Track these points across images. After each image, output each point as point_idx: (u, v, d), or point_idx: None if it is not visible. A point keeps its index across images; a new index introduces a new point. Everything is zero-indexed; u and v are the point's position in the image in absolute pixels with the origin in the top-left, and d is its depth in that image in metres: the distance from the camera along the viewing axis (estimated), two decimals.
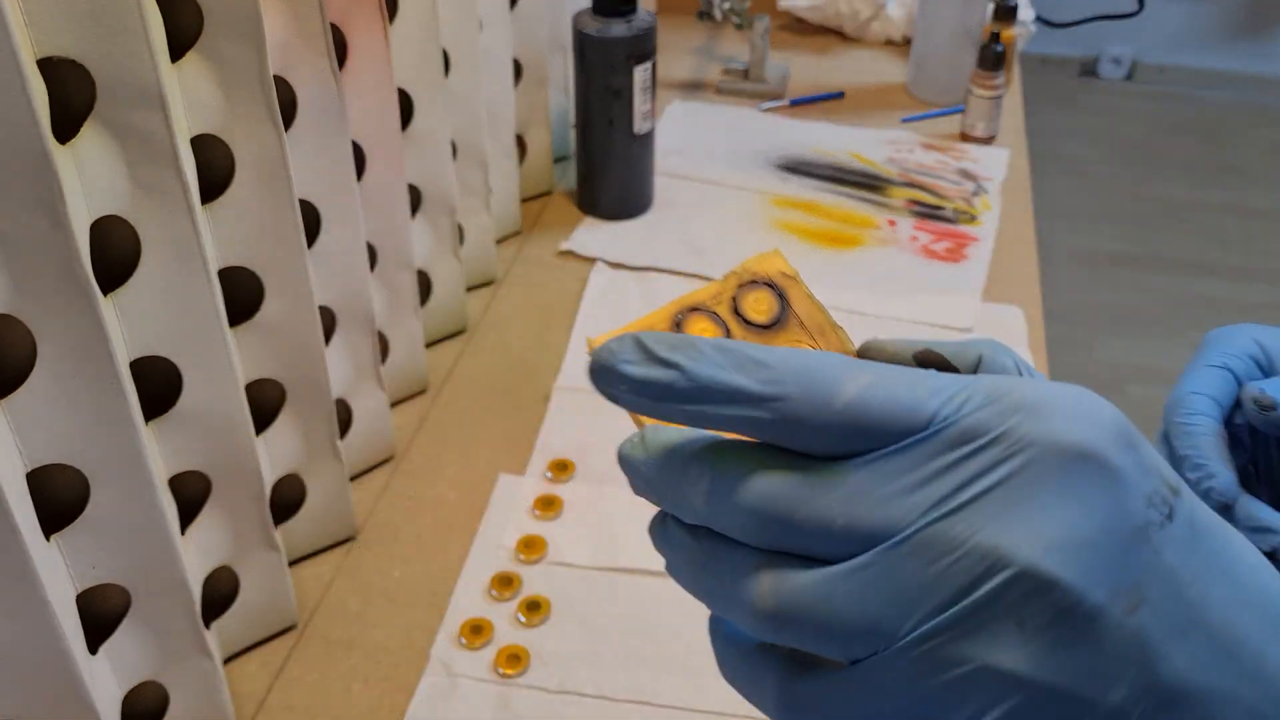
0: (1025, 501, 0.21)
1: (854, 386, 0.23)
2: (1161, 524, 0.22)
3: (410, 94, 0.62)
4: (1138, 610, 0.22)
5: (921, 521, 0.22)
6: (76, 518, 0.40)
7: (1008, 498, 0.22)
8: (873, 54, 1.10)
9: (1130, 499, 0.22)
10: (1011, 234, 0.82)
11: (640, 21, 0.76)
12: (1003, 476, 0.22)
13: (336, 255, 0.54)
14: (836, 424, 0.23)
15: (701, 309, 0.33)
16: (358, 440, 0.60)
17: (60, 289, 0.36)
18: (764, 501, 0.23)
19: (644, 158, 0.81)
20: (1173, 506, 0.23)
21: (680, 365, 0.23)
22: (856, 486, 0.22)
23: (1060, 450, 0.22)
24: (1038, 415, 0.22)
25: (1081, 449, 0.22)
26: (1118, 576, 0.22)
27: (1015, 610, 0.21)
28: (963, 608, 0.21)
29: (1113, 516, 0.22)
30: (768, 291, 0.34)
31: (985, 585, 0.21)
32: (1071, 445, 0.22)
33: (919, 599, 0.22)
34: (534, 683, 0.50)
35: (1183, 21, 2.59)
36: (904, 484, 0.22)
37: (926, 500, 0.22)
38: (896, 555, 0.22)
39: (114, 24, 0.36)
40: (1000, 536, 0.21)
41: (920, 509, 0.22)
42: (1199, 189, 2.29)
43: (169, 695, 0.46)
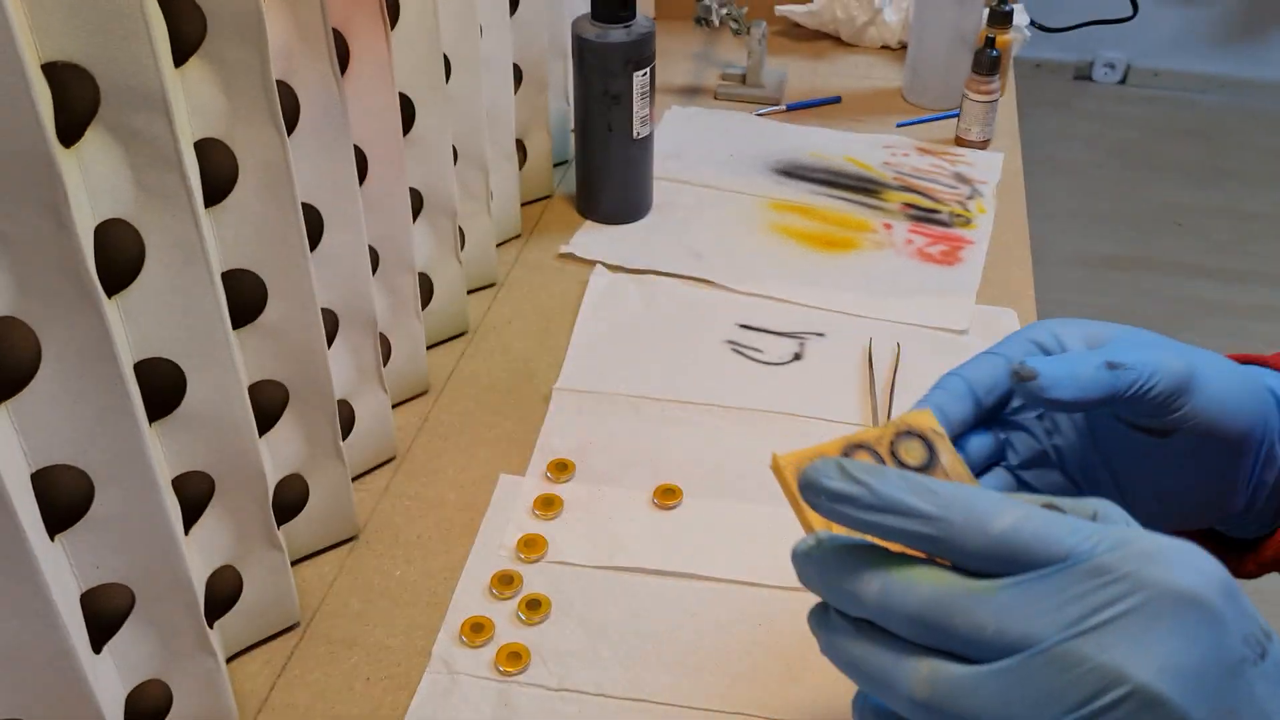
0: (1144, 632, 0.26)
1: (1007, 519, 0.28)
2: (1255, 661, 0.27)
3: (411, 98, 0.62)
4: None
5: (1058, 637, 0.27)
6: (81, 518, 0.40)
7: (1129, 627, 0.26)
8: (869, 59, 1.11)
9: (1230, 638, 0.27)
10: (1006, 237, 0.83)
11: (639, 27, 0.76)
12: (1126, 609, 0.26)
13: (339, 258, 0.54)
14: (989, 548, 0.28)
15: (865, 446, 0.40)
16: (360, 441, 0.61)
17: (64, 291, 0.36)
18: (929, 606, 0.28)
19: (643, 162, 0.82)
20: (1265, 648, 0.27)
21: (869, 484, 0.29)
22: (1006, 602, 0.27)
23: (1175, 593, 0.26)
24: (1156, 562, 0.27)
25: (1192, 594, 0.27)
26: (1217, 701, 0.26)
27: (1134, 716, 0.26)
28: (1087, 711, 0.26)
29: (1215, 650, 0.26)
30: (919, 442, 0.40)
31: (1106, 696, 0.26)
32: (1184, 590, 0.26)
33: (1051, 702, 0.26)
34: (534, 681, 0.50)
35: (1177, 26, 2.60)
36: (1046, 605, 0.27)
37: (1064, 620, 0.27)
38: (1036, 663, 0.27)
39: (118, 29, 0.36)
40: (1122, 658, 0.26)
41: (1058, 626, 0.27)
42: (1193, 192, 2.30)
43: (172, 694, 0.46)
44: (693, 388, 0.67)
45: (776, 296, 0.75)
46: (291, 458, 0.54)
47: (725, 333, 0.72)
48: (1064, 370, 0.37)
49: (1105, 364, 0.37)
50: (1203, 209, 2.25)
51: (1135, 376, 0.37)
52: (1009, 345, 0.41)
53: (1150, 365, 0.37)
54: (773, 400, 0.67)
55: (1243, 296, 2.01)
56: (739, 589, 0.55)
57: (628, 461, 0.62)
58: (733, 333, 0.72)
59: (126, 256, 0.41)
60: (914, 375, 0.69)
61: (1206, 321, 1.95)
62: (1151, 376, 0.37)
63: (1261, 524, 0.43)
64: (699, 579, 0.55)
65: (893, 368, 0.69)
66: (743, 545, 0.57)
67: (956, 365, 0.41)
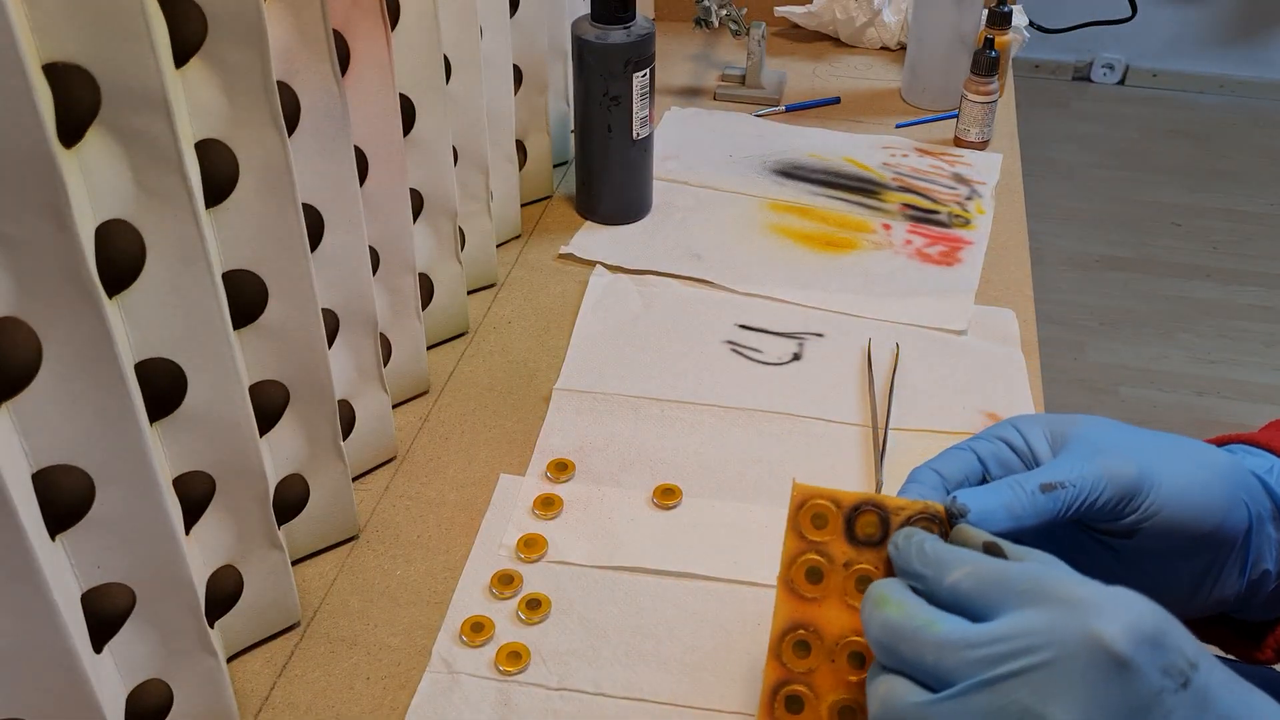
0: (1057, 680, 0.30)
1: (958, 573, 0.34)
2: (1175, 690, 0.30)
3: (412, 99, 0.62)
4: None
5: (983, 677, 0.31)
6: (82, 518, 0.40)
7: (1046, 675, 0.31)
8: (868, 60, 1.11)
9: (1142, 681, 0.30)
10: (1005, 238, 0.83)
11: (639, 28, 0.76)
12: (1044, 660, 0.31)
13: (339, 259, 0.55)
14: (948, 596, 0.34)
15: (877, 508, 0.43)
16: (360, 441, 0.61)
17: (65, 292, 0.36)
18: (885, 630, 0.34)
19: (642, 163, 0.82)
20: (1189, 677, 0.31)
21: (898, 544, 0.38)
22: (945, 638, 0.33)
23: (1088, 644, 0.30)
24: (1076, 612, 0.31)
25: (1103, 644, 0.30)
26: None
27: None
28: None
29: (1123, 695, 0.30)
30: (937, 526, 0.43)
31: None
32: (1096, 640, 0.30)
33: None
34: (534, 680, 0.50)
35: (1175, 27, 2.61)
36: (977, 653, 0.32)
37: (989, 662, 0.32)
38: (966, 698, 0.32)
39: (119, 30, 0.36)
40: (1039, 702, 0.30)
41: (984, 667, 0.32)
42: (1191, 193, 2.30)
43: (173, 693, 0.46)
44: (692, 388, 0.68)
45: (776, 297, 0.76)
46: (292, 458, 0.54)
47: (724, 333, 0.73)
48: (996, 501, 0.38)
49: (1040, 486, 0.38)
50: (1201, 210, 2.25)
51: (1073, 495, 0.38)
52: (979, 441, 0.42)
53: (1091, 478, 0.38)
54: (772, 400, 0.67)
55: (1241, 297, 2.02)
56: (739, 589, 0.55)
57: (627, 461, 0.62)
58: (732, 333, 0.73)
59: (127, 257, 0.41)
60: (913, 375, 0.69)
61: (1205, 322, 1.95)
62: (1093, 490, 0.38)
63: (1276, 608, 0.42)
64: (698, 579, 0.56)
65: (892, 368, 0.69)
66: (742, 545, 0.57)
67: (928, 460, 0.43)
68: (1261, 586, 0.41)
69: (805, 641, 0.41)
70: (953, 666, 0.32)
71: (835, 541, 0.42)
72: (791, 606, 0.42)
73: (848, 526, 0.42)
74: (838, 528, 0.42)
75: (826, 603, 0.42)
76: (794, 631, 0.41)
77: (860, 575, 0.42)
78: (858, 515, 0.42)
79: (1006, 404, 0.67)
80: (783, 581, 0.42)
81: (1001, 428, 0.42)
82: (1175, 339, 1.90)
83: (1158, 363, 1.85)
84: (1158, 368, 1.84)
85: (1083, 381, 1.80)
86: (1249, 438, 0.44)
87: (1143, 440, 0.40)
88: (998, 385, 0.68)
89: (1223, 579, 0.40)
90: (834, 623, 0.41)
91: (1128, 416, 0.37)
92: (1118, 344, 1.89)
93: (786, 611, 0.42)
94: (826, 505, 0.42)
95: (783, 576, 0.42)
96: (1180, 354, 1.87)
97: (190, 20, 0.41)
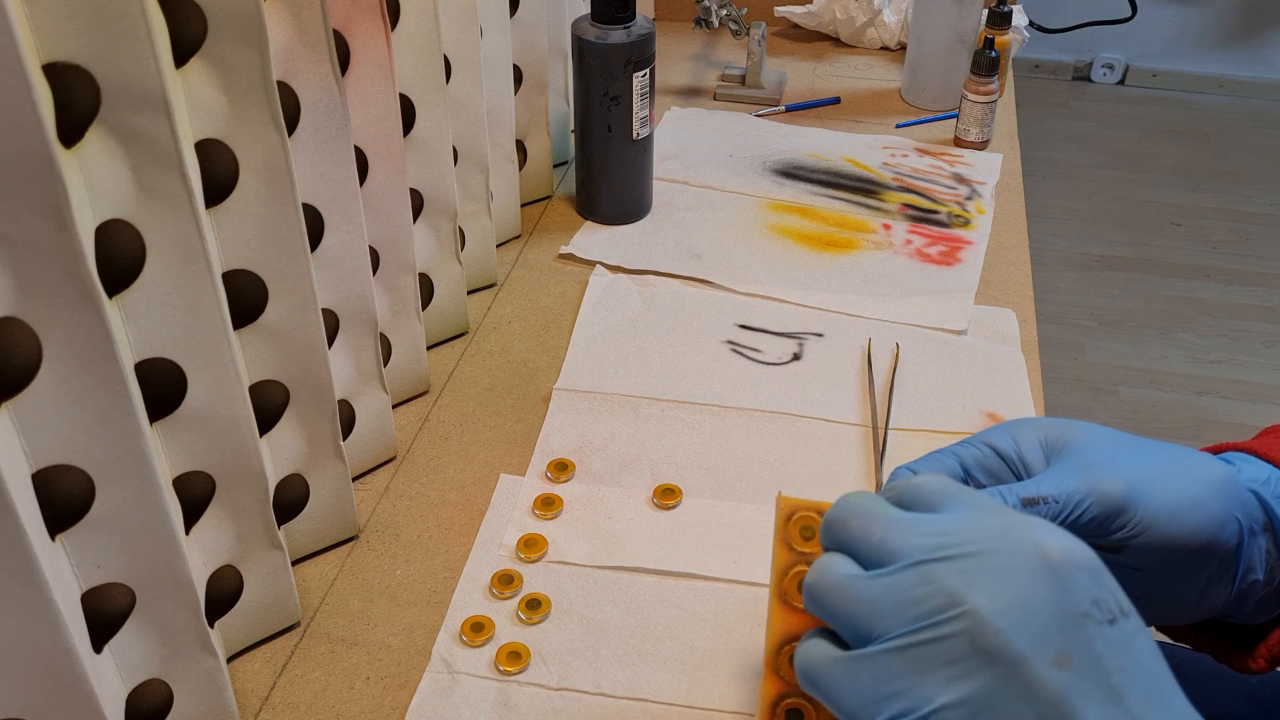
0: (992, 570, 0.31)
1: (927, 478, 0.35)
2: (1100, 623, 0.30)
3: (412, 99, 0.62)
4: (1065, 668, 0.30)
5: (925, 556, 0.32)
6: (82, 518, 0.40)
7: (984, 565, 0.31)
8: (868, 60, 1.11)
9: (1074, 594, 0.31)
10: (1004, 237, 0.83)
11: (638, 29, 0.76)
12: (982, 550, 0.31)
13: (339, 259, 0.55)
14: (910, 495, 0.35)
15: None
16: (360, 441, 0.61)
17: (65, 292, 0.36)
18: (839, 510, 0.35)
19: (642, 163, 0.82)
20: (1116, 618, 0.31)
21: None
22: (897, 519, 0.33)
23: (1028, 547, 0.31)
24: (1021, 525, 0.32)
25: (1044, 550, 0.31)
26: (1046, 639, 0.30)
27: (963, 636, 0.30)
28: (930, 622, 0.31)
29: (1055, 599, 0.30)
30: None
31: (947, 613, 0.31)
32: (1037, 545, 0.31)
33: (906, 608, 0.31)
34: (534, 680, 0.50)
35: (1175, 27, 2.61)
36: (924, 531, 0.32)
37: (932, 545, 0.32)
38: (904, 574, 0.32)
39: (118, 29, 0.36)
40: (966, 586, 0.31)
41: (928, 550, 0.32)
42: (1191, 193, 2.30)
43: (173, 693, 0.46)
44: (692, 388, 0.68)
45: (775, 297, 0.76)
46: (292, 458, 0.54)
47: (724, 333, 0.73)
48: None
49: (1021, 500, 0.38)
50: (1201, 210, 2.25)
51: (1055, 510, 0.38)
52: (965, 446, 0.42)
53: (1077, 495, 0.38)
54: (772, 400, 0.67)
55: (1241, 297, 2.02)
56: (738, 589, 0.55)
57: (627, 461, 0.62)
58: (732, 333, 0.73)
59: (127, 257, 0.41)
60: (913, 375, 0.69)
61: (1205, 322, 1.95)
62: (1076, 507, 0.38)
63: (1266, 612, 0.42)
64: (698, 579, 0.56)
65: (891, 368, 0.69)
66: (742, 545, 0.57)
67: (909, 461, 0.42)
68: (1250, 594, 0.41)
69: None
70: (896, 546, 0.32)
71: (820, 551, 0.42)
72: (786, 618, 0.42)
73: None
74: None
75: None
76: (791, 643, 0.41)
77: None
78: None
79: (1006, 404, 0.67)
80: (775, 595, 0.42)
81: (994, 433, 0.42)
82: (1175, 339, 1.90)
83: (1157, 363, 1.85)
84: (1157, 368, 1.84)
85: (1082, 382, 1.80)
86: (1249, 446, 0.43)
87: (1138, 454, 0.40)
88: (997, 385, 0.68)
89: (1210, 590, 0.40)
90: None
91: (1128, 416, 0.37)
92: (1117, 344, 1.89)
93: (781, 624, 0.42)
94: (813, 516, 0.43)
95: (775, 590, 0.42)
96: (1180, 354, 1.87)
97: (190, 20, 0.41)
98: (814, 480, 0.61)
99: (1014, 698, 0.30)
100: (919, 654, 0.31)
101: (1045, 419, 0.43)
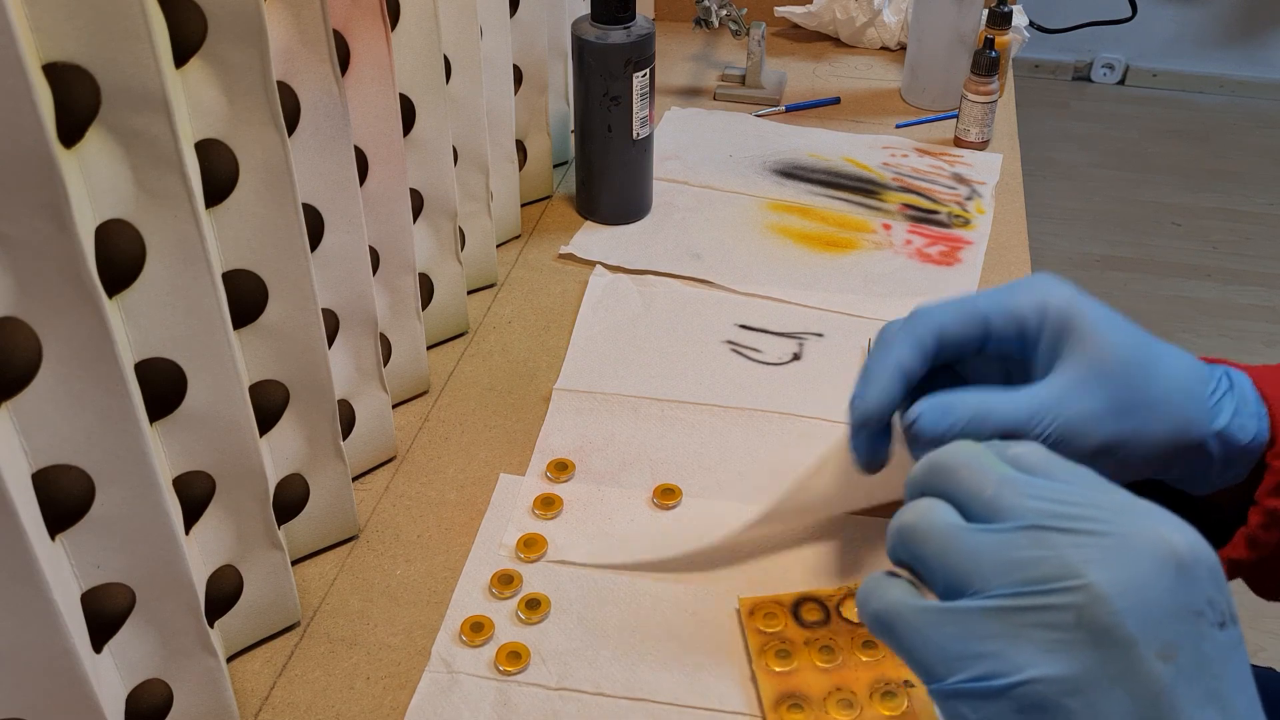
0: (1116, 552, 0.29)
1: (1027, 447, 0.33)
2: (1212, 624, 0.29)
3: (412, 99, 0.62)
4: (1170, 662, 0.28)
5: (1033, 521, 0.30)
6: (82, 518, 0.40)
7: (1106, 545, 0.29)
8: (868, 60, 1.11)
9: (1194, 591, 0.29)
10: (1004, 238, 0.83)
11: (638, 29, 0.76)
12: (1110, 531, 0.30)
13: (339, 259, 0.55)
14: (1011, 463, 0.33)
15: (817, 600, 0.53)
16: (360, 441, 0.61)
17: (65, 292, 0.36)
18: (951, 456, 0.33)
19: (642, 163, 0.82)
20: (1225, 623, 0.30)
21: None
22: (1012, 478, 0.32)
23: (1156, 538, 0.29)
24: (1149, 515, 0.30)
25: (1171, 544, 0.29)
26: (1158, 630, 0.29)
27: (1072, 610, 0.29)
28: (1041, 589, 0.29)
29: (1174, 591, 0.29)
30: None
31: (1061, 583, 0.29)
32: (1165, 538, 0.30)
33: (1013, 568, 0.30)
34: (534, 680, 0.50)
35: (1175, 27, 2.61)
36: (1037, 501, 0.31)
37: (1047, 513, 0.30)
38: (1016, 534, 0.30)
39: (118, 30, 0.36)
40: (1085, 561, 0.29)
41: (1039, 515, 0.30)
42: (1190, 193, 2.30)
43: (173, 693, 0.46)
44: (692, 388, 0.68)
45: (775, 297, 0.76)
46: (292, 457, 0.54)
47: (724, 333, 0.73)
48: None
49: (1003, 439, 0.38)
50: (1201, 210, 2.25)
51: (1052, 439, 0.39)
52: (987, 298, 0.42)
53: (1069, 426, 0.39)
54: (771, 400, 0.67)
55: (1241, 297, 2.02)
56: (738, 589, 0.55)
57: (627, 461, 0.62)
58: (732, 333, 0.73)
59: (127, 257, 0.41)
60: None
61: (1204, 322, 1.95)
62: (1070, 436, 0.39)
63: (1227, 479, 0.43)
64: (699, 579, 0.56)
65: None
66: (742, 545, 0.57)
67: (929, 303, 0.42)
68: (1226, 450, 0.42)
69: (797, 704, 0.48)
70: (1009, 505, 0.31)
71: (790, 628, 0.51)
72: (774, 684, 0.49)
73: (795, 616, 0.51)
74: (788, 618, 0.51)
75: (801, 672, 0.49)
76: (784, 700, 0.48)
77: (822, 645, 0.50)
78: (800, 606, 0.52)
79: None
80: (760, 668, 0.49)
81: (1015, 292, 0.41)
82: (1175, 339, 1.90)
83: None
84: None
85: None
86: (1241, 366, 0.45)
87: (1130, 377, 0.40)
88: None
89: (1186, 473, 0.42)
90: (814, 685, 0.49)
91: None
92: None
93: (772, 688, 0.48)
94: (772, 605, 0.52)
95: (758, 665, 0.49)
96: None
97: (190, 20, 0.42)
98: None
99: (1112, 682, 0.28)
100: (1019, 618, 0.29)
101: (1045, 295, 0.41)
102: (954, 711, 0.30)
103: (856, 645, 0.50)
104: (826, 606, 0.52)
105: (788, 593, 0.53)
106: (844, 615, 0.52)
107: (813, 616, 0.51)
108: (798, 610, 0.52)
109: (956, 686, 0.30)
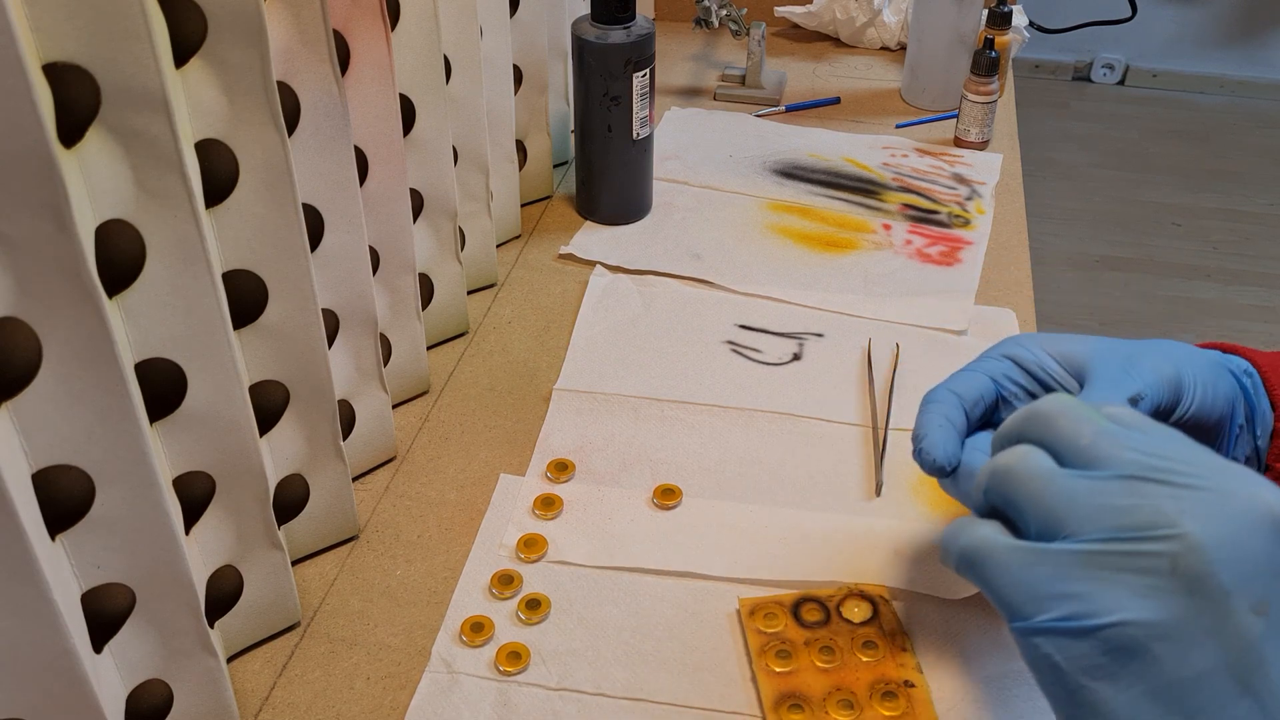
0: (1215, 506, 0.30)
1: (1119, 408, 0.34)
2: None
3: (412, 100, 0.62)
4: (1263, 616, 0.29)
5: (1140, 472, 0.31)
6: (82, 518, 0.40)
7: (1206, 500, 0.30)
8: (868, 60, 1.11)
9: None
10: (1005, 238, 0.83)
11: (638, 29, 0.76)
12: (1209, 486, 0.30)
13: (339, 259, 0.55)
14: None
15: (817, 600, 0.52)
16: (360, 441, 0.61)
17: (65, 292, 0.36)
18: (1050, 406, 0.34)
19: (642, 163, 0.82)
20: None
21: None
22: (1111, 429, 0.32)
23: (1254, 498, 0.30)
24: (1249, 478, 0.31)
25: (1269, 505, 0.30)
26: (1252, 583, 0.29)
27: (1166, 557, 0.29)
28: (1134, 535, 0.30)
29: (1270, 550, 0.29)
30: (866, 603, 0.52)
31: (1157, 530, 0.29)
32: (1265, 499, 0.30)
33: (1105, 515, 0.30)
34: (534, 680, 0.50)
35: (1175, 27, 2.61)
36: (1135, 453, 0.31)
37: (1144, 465, 0.31)
38: (1111, 482, 0.31)
39: (118, 30, 0.36)
40: (1182, 512, 0.29)
41: (1136, 466, 0.31)
42: (1191, 193, 2.30)
43: (173, 693, 0.46)
44: (692, 388, 0.68)
45: (775, 297, 0.76)
46: (292, 458, 0.54)
47: (724, 333, 0.73)
48: None
49: (1128, 400, 0.40)
50: (1201, 210, 2.25)
51: (1149, 406, 0.41)
52: (986, 361, 0.46)
53: (1156, 384, 0.41)
54: (772, 401, 0.67)
55: (1241, 297, 2.02)
56: (738, 588, 0.55)
57: (627, 462, 0.62)
58: (732, 333, 0.73)
59: (127, 257, 0.41)
60: (913, 376, 0.69)
61: (1205, 322, 1.95)
62: (1160, 395, 0.41)
63: None
64: (698, 579, 0.56)
65: (892, 368, 0.69)
66: (742, 545, 0.57)
67: (943, 380, 0.45)
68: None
69: (798, 704, 0.48)
70: (1106, 454, 0.31)
71: (790, 629, 0.51)
72: (775, 683, 0.49)
73: (795, 617, 0.52)
74: (788, 618, 0.52)
75: (801, 673, 0.49)
76: (784, 701, 0.48)
77: (822, 645, 0.50)
78: (800, 607, 0.52)
79: None
80: (760, 668, 0.49)
81: (1005, 346, 0.44)
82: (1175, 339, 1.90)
83: None
84: None
85: None
86: (1227, 347, 0.47)
87: (1159, 346, 0.43)
88: None
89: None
90: (814, 685, 0.49)
91: None
92: None
93: (772, 688, 0.49)
94: (773, 605, 0.52)
95: (758, 665, 0.50)
96: None
97: (190, 20, 0.41)
98: (814, 480, 0.61)
99: (1204, 632, 0.29)
100: (1112, 562, 0.30)
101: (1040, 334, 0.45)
102: (1036, 651, 0.31)
103: (856, 645, 0.50)
104: (826, 607, 0.52)
105: (788, 593, 0.53)
106: (844, 615, 0.52)
107: (813, 617, 0.51)
108: (798, 610, 0.52)
109: (1045, 624, 0.30)
